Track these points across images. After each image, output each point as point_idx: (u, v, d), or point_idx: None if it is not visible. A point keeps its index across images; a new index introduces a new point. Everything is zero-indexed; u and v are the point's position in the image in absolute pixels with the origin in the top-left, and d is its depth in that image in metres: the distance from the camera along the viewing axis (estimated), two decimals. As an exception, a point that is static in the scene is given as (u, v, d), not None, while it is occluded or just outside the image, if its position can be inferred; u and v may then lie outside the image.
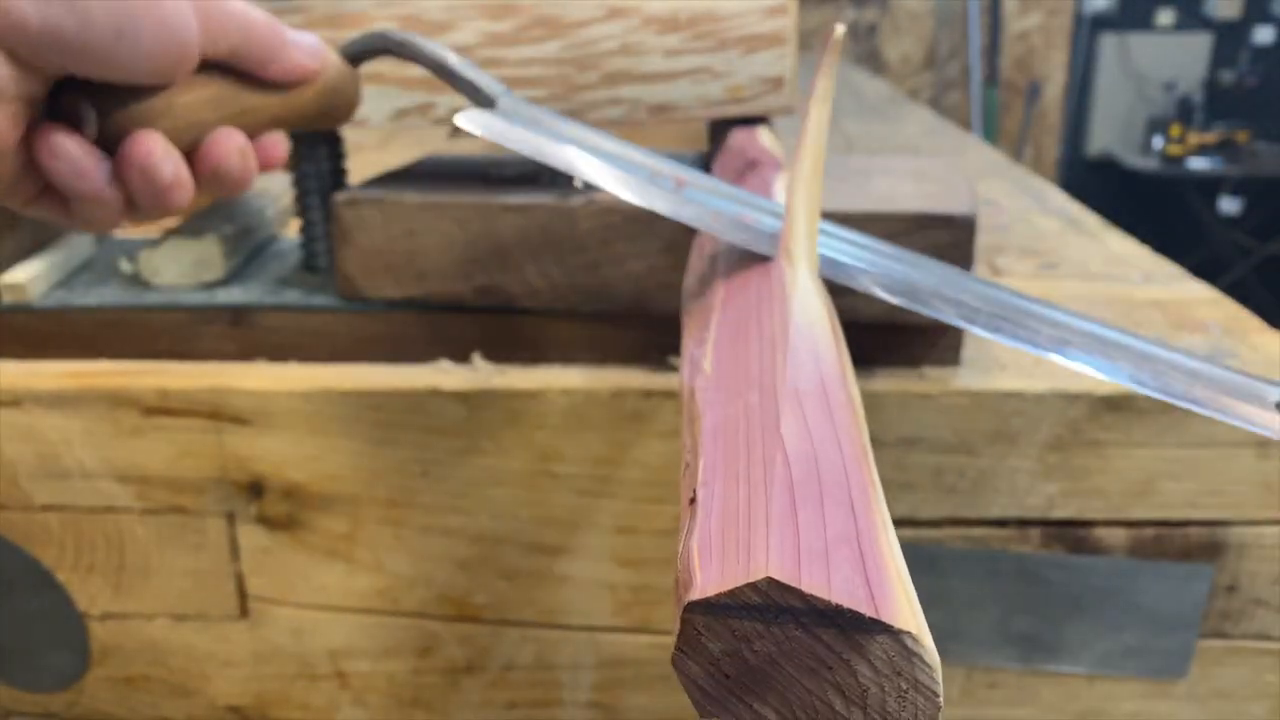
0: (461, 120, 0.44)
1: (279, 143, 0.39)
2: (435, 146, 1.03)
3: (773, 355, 0.29)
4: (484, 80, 0.45)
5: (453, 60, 0.45)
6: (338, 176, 0.63)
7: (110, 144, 0.33)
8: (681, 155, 0.68)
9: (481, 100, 0.45)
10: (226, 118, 0.35)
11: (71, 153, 0.32)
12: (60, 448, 0.58)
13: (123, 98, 0.32)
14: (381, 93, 0.57)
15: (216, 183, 0.36)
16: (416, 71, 0.57)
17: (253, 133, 0.37)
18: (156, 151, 0.33)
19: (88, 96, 0.32)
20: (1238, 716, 0.58)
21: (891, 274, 0.41)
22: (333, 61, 0.41)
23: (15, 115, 0.31)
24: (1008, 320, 0.39)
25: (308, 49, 0.38)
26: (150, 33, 0.31)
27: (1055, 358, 0.39)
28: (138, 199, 0.34)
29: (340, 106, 0.42)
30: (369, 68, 0.57)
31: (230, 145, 0.35)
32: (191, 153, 0.35)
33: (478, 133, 0.44)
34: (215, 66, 0.35)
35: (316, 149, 0.61)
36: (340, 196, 0.55)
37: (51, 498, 0.59)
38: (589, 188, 0.50)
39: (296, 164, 0.62)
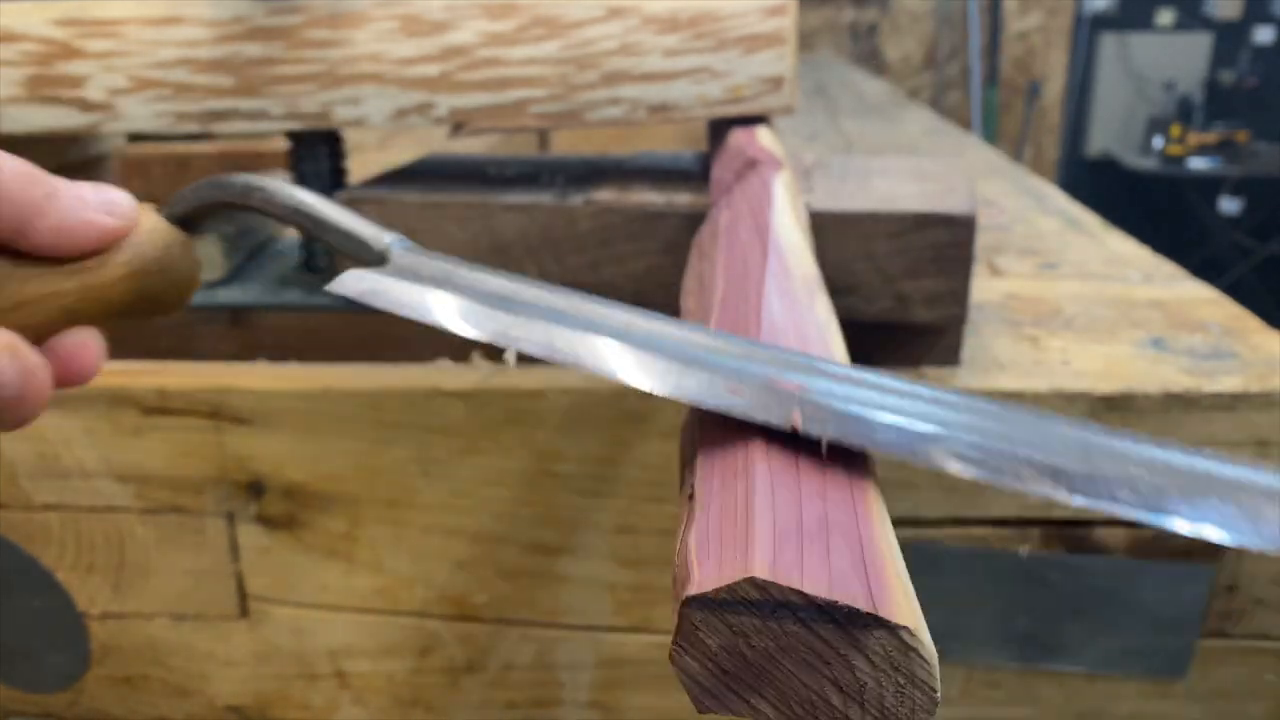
0: (341, 285, 0.33)
1: (86, 345, 0.28)
2: (435, 146, 1.03)
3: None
4: (369, 231, 0.34)
5: (322, 210, 0.34)
6: (338, 176, 0.63)
7: None
8: (681, 155, 0.68)
9: (369, 257, 0.34)
10: None
11: None
12: (60, 447, 0.58)
13: None
14: (381, 92, 0.57)
15: None
16: (416, 71, 0.57)
17: (36, 333, 0.27)
18: None
19: None
20: (1237, 716, 0.58)
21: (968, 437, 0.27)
22: (149, 224, 0.31)
23: None
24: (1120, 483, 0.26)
25: (99, 204, 0.28)
26: None
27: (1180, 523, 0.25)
28: None
29: (168, 286, 0.31)
30: (369, 67, 0.57)
31: None
32: None
33: (359, 299, 0.33)
34: None
35: (316, 149, 0.61)
36: (340, 196, 0.55)
37: (51, 497, 0.59)
38: (521, 358, 0.45)
39: (296, 164, 0.62)
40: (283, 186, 0.34)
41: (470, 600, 0.59)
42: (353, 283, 0.32)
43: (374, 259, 0.34)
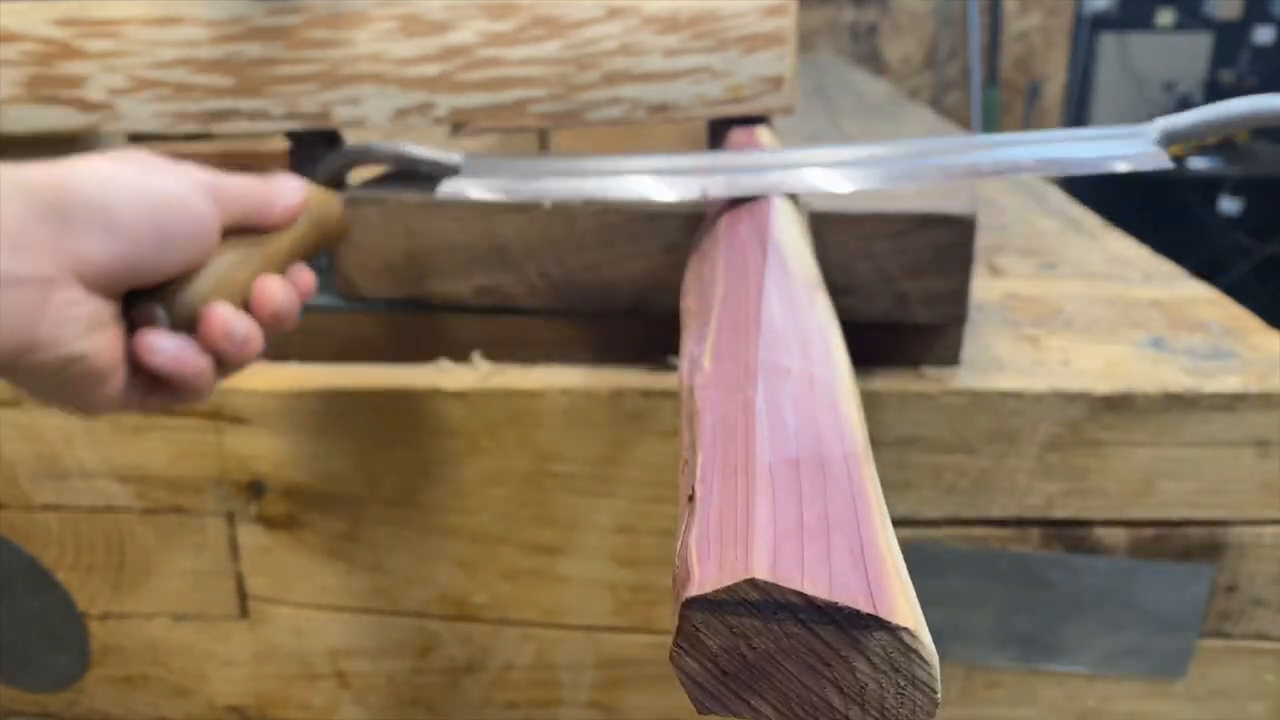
0: (443, 190, 0.52)
1: (303, 272, 0.43)
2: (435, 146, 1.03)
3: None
4: (441, 156, 0.53)
5: (410, 150, 0.53)
6: (338, 176, 0.63)
7: (185, 326, 0.38)
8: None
9: (447, 171, 0.53)
10: (258, 269, 0.41)
11: (167, 346, 0.36)
12: (60, 448, 0.58)
13: (180, 288, 0.37)
14: (382, 92, 0.57)
15: (276, 323, 0.40)
16: (416, 71, 0.57)
17: (281, 271, 0.42)
18: (230, 319, 0.38)
19: (153, 299, 0.37)
20: (1237, 716, 0.58)
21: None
22: (313, 192, 0.45)
23: (114, 336, 0.36)
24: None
25: (291, 190, 0.43)
26: (184, 233, 0.36)
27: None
28: (226, 361, 0.38)
29: (332, 226, 0.46)
30: (369, 67, 0.57)
31: (273, 289, 0.40)
32: (246, 306, 0.40)
33: (459, 196, 0.51)
34: (231, 232, 0.40)
35: (316, 149, 0.61)
36: (340, 197, 0.55)
37: (51, 498, 0.59)
38: (555, 206, 0.54)
39: (296, 164, 0.62)
40: (381, 144, 0.53)
41: (470, 600, 0.59)
42: (446, 188, 0.52)
43: (451, 172, 0.53)
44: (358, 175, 0.64)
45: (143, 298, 0.37)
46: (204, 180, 0.38)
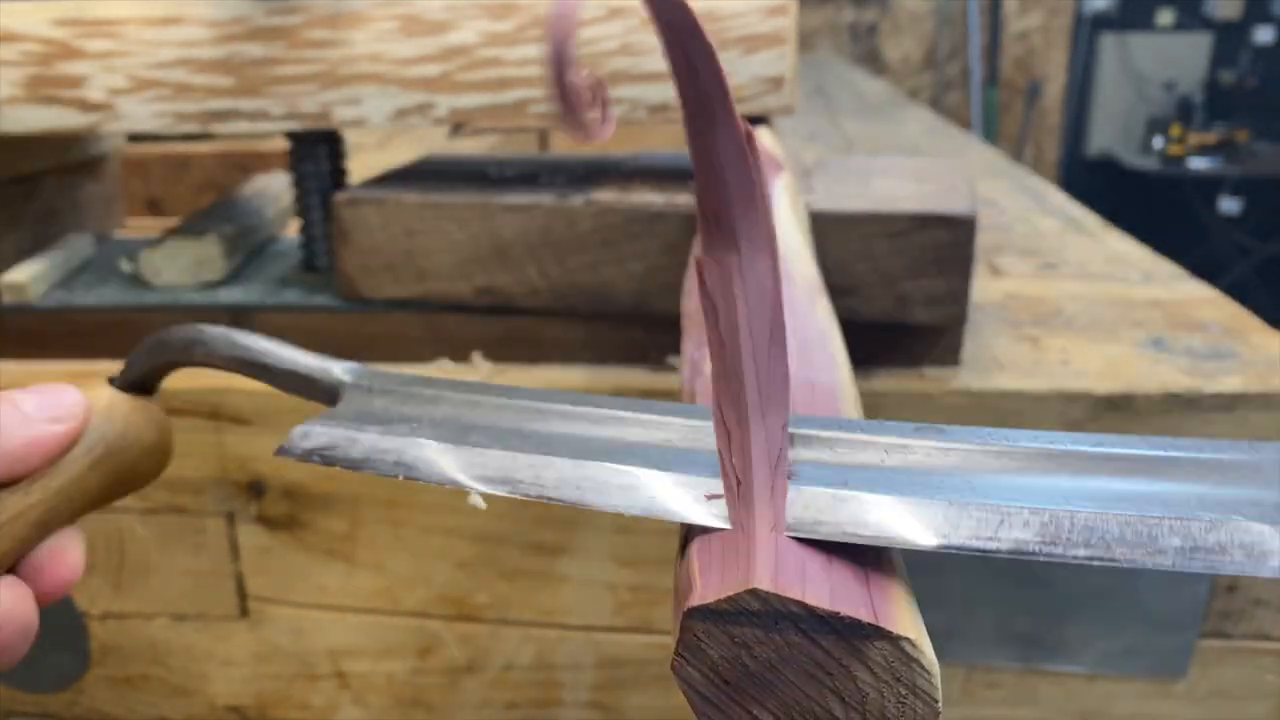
0: (290, 445, 0.31)
1: (63, 550, 0.28)
2: (435, 146, 1.03)
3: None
4: (316, 367, 0.33)
5: (265, 355, 0.33)
6: (338, 176, 0.63)
7: None
8: (681, 155, 0.68)
9: (321, 395, 0.33)
10: None
11: None
12: (60, 448, 0.57)
13: None
14: (382, 92, 0.57)
15: None
16: (416, 71, 0.57)
17: (11, 557, 0.28)
18: None
19: None
20: (1237, 716, 0.58)
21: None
22: (104, 403, 0.30)
23: None
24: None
25: (45, 414, 0.28)
26: None
27: None
28: None
29: (141, 456, 0.31)
30: (369, 67, 0.57)
31: None
32: None
33: (306, 459, 0.31)
34: None
35: (316, 149, 0.61)
36: (340, 196, 0.55)
37: (51, 498, 0.59)
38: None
39: (296, 164, 0.62)
40: (224, 335, 0.32)
41: (470, 600, 0.59)
42: (299, 440, 0.30)
43: (327, 396, 0.32)
44: (358, 175, 0.64)
45: None
46: None
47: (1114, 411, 0.52)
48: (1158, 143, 3.30)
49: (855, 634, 0.18)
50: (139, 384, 0.32)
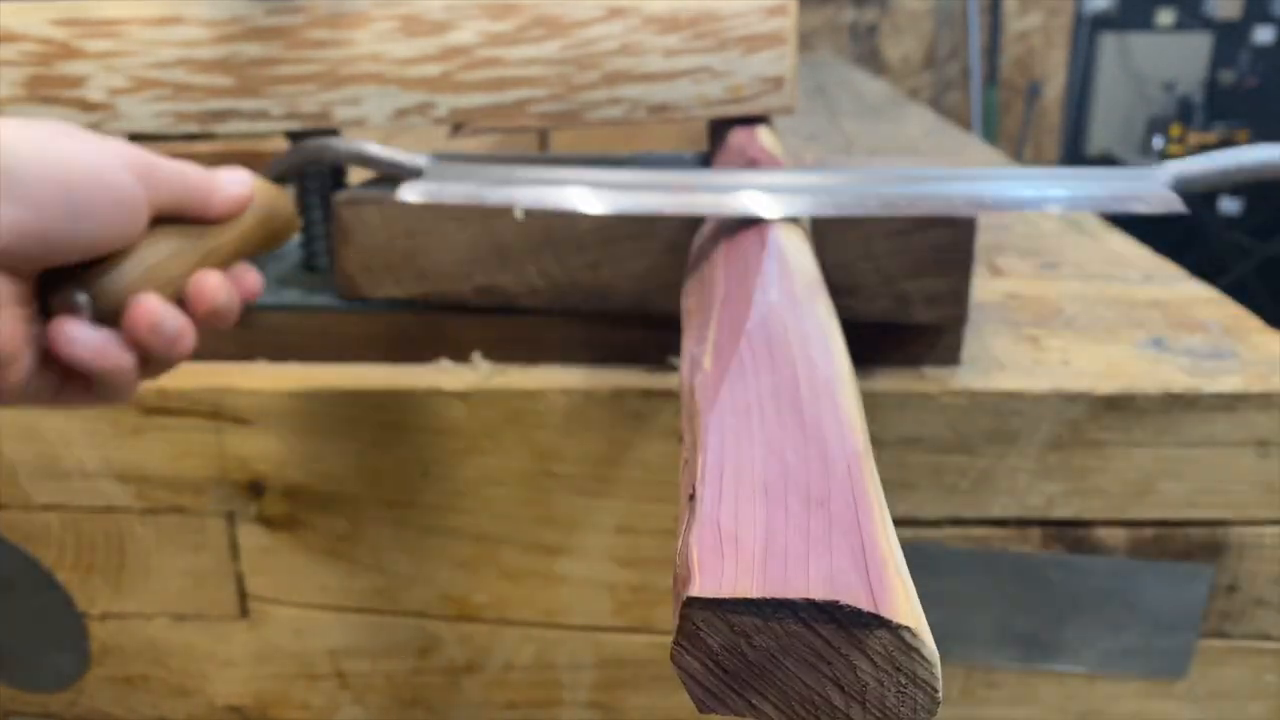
0: (404, 194, 0.50)
1: (249, 272, 0.41)
2: (435, 146, 1.03)
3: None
4: (403, 157, 0.51)
5: (370, 150, 0.51)
6: (338, 176, 0.63)
7: (109, 317, 0.35)
8: (681, 155, 0.68)
9: (408, 173, 0.51)
10: (196, 263, 0.38)
11: (85, 336, 0.34)
12: (60, 448, 0.58)
13: (104, 274, 0.34)
14: (382, 92, 0.57)
15: (213, 321, 0.38)
16: (416, 71, 0.57)
17: (222, 267, 0.40)
18: (158, 310, 0.35)
19: (73, 284, 0.34)
20: (1238, 716, 0.58)
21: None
22: (261, 186, 0.43)
23: (16, 319, 0.33)
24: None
25: (236, 182, 0.41)
26: (100, 206, 0.33)
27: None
28: (152, 357, 0.36)
29: (280, 224, 0.44)
30: (369, 67, 0.57)
31: (212, 285, 0.38)
32: (180, 302, 0.37)
33: (420, 200, 0.50)
34: (165, 220, 0.37)
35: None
36: (340, 196, 0.55)
37: (51, 498, 0.59)
38: (528, 213, 0.53)
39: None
40: (342, 142, 0.51)
41: (470, 600, 0.59)
42: (407, 192, 0.50)
43: (414, 174, 0.51)
44: (357, 175, 0.64)
45: (62, 281, 0.34)
46: (130, 155, 0.35)
47: (1114, 411, 0.52)
48: (1158, 143, 3.30)
49: (855, 623, 0.18)
50: (281, 176, 0.51)
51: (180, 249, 0.38)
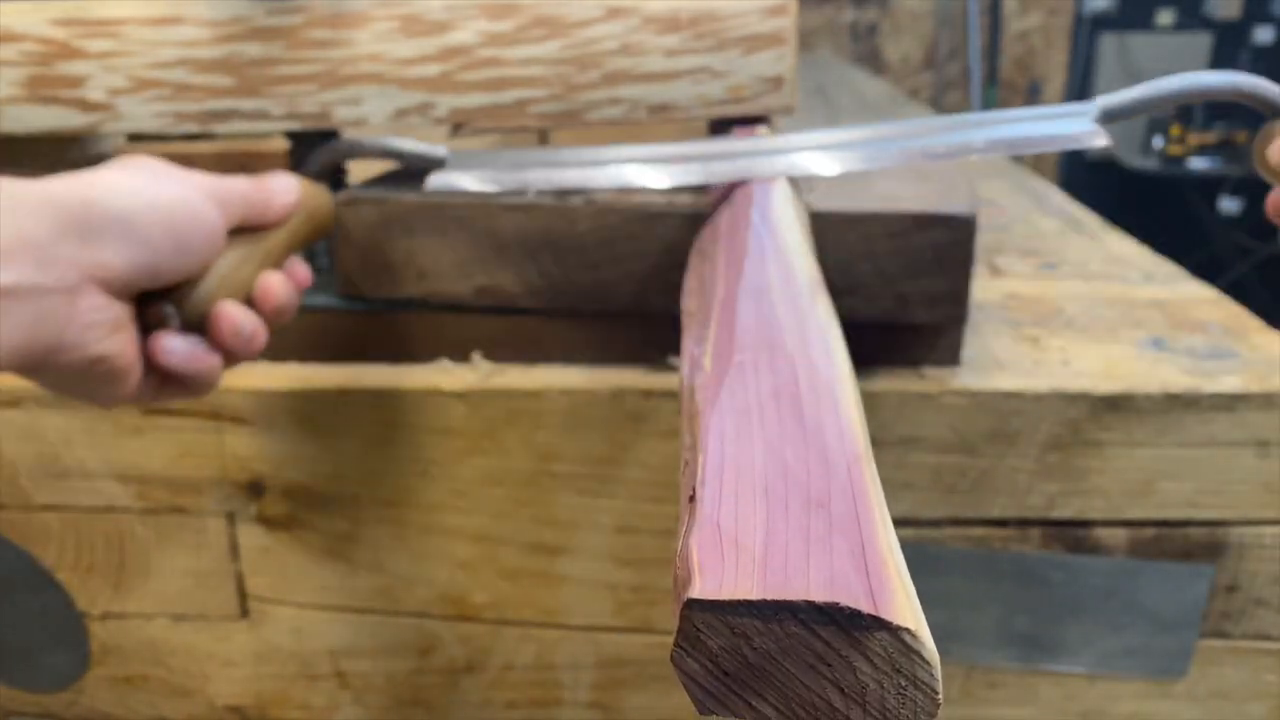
0: (431, 183, 0.54)
1: (299, 265, 0.46)
2: (435, 147, 1.03)
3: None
4: (428, 149, 0.55)
5: (397, 143, 0.54)
6: (338, 176, 0.63)
7: (196, 326, 0.39)
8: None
9: (433, 164, 0.55)
10: (260, 266, 0.43)
11: (181, 347, 0.39)
12: (60, 448, 0.58)
13: (190, 290, 0.39)
14: (382, 92, 0.57)
15: (279, 316, 0.43)
16: (416, 71, 0.57)
17: (279, 265, 0.44)
18: (237, 316, 0.40)
19: (164, 301, 0.39)
20: (1238, 716, 0.58)
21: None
22: (305, 187, 0.47)
23: (130, 338, 0.38)
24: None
25: (286, 188, 0.45)
26: (196, 238, 0.38)
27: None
28: (234, 355, 0.41)
29: (323, 218, 0.49)
30: (369, 67, 0.57)
31: (275, 285, 0.42)
32: (249, 302, 0.42)
33: (447, 188, 0.54)
34: (232, 230, 0.42)
35: (316, 149, 0.61)
36: (340, 196, 0.55)
37: (51, 497, 0.59)
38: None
39: (297, 164, 0.62)
40: (370, 139, 0.55)
41: (470, 600, 0.59)
42: (434, 181, 0.54)
43: (437, 165, 0.55)
44: (357, 175, 0.64)
45: (154, 299, 0.39)
46: (208, 185, 0.40)
47: (1114, 411, 0.52)
48: (1158, 143, 3.30)
49: (855, 625, 0.18)
50: (319, 174, 0.54)
51: (247, 256, 0.42)
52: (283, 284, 0.43)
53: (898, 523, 0.54)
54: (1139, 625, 0.56)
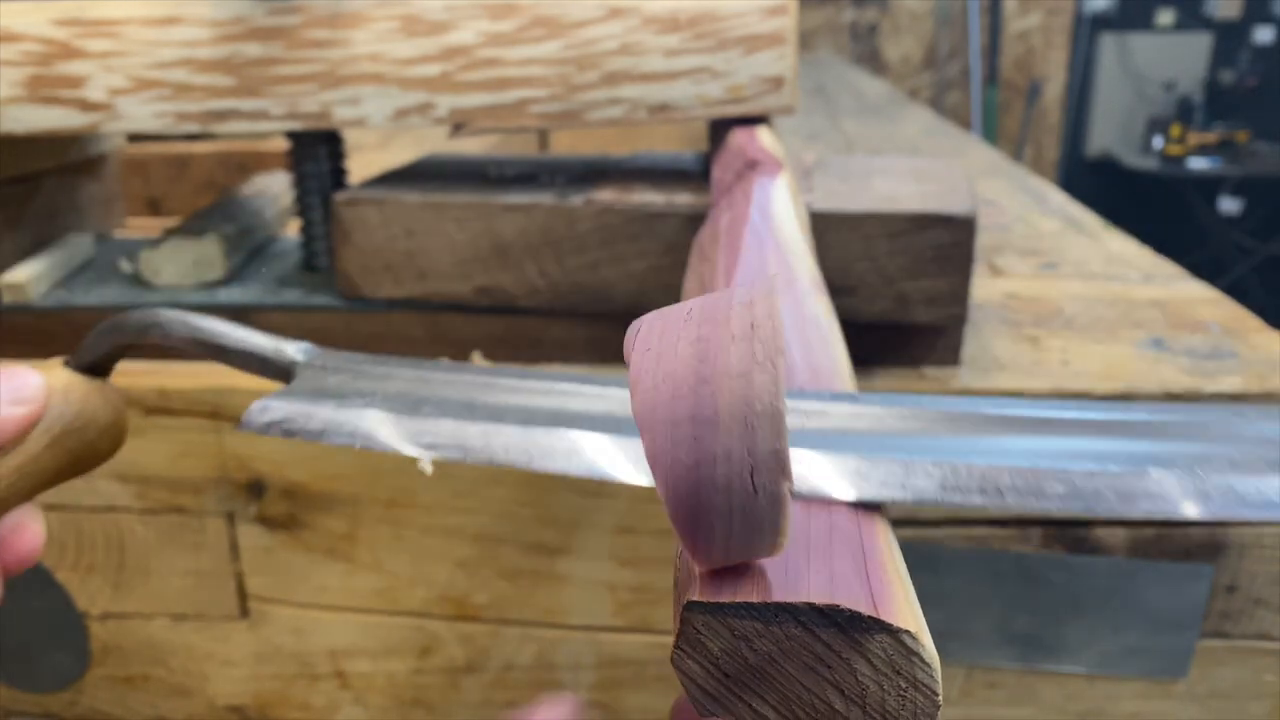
0: (249, 420, 0.31)
1: (23, 526, 0.30)
2: (435, 146, 1.03)
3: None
4: (270, 348, 0.34)
5: (220, 336, 0.33)
6: (338, 176, 0.63)
7: None
8: (681, 155, 0.68)
9: (273, 372, 0.34)
10: None
11: None
12: (60, 448, 0.58)
13: None
14: (382, 92, 0.57)
15: None
16: (416, 71, 0.57)
17: None
18: None
19: None
20: (1238, 716, 0.58)
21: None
22: (61, 385, 0.31)
23: None
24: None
25: (7, 396, 0.29)
26: None
27: None
28: None
29: (97, 436, 0.32)
30: (369, 67, 0.57)
31: None
32: None
33: (267, 432, 0.31)
34: None
35: (316, 149, 0.61)
36: (340, 196, 0.55)
37: (51, 497, 0.59)
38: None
39: (296, 164, 0.62)
40: (179, 317, 0.32)
41: (470, 600, 0.59)
42: (258, 415, 0.30)
43: (282, 375, 0.33)
44: (357, 175, 0.64)
45: None
46: None
47: (1114, 411, 0.52)
48: (1158, 143, 3.30)
49: (855, 627, 0.18)
50: (94, 366, 0.33)
51: None
52: None
53: (898, 523, 0.54)
54: (1139, 625, 0.56)
